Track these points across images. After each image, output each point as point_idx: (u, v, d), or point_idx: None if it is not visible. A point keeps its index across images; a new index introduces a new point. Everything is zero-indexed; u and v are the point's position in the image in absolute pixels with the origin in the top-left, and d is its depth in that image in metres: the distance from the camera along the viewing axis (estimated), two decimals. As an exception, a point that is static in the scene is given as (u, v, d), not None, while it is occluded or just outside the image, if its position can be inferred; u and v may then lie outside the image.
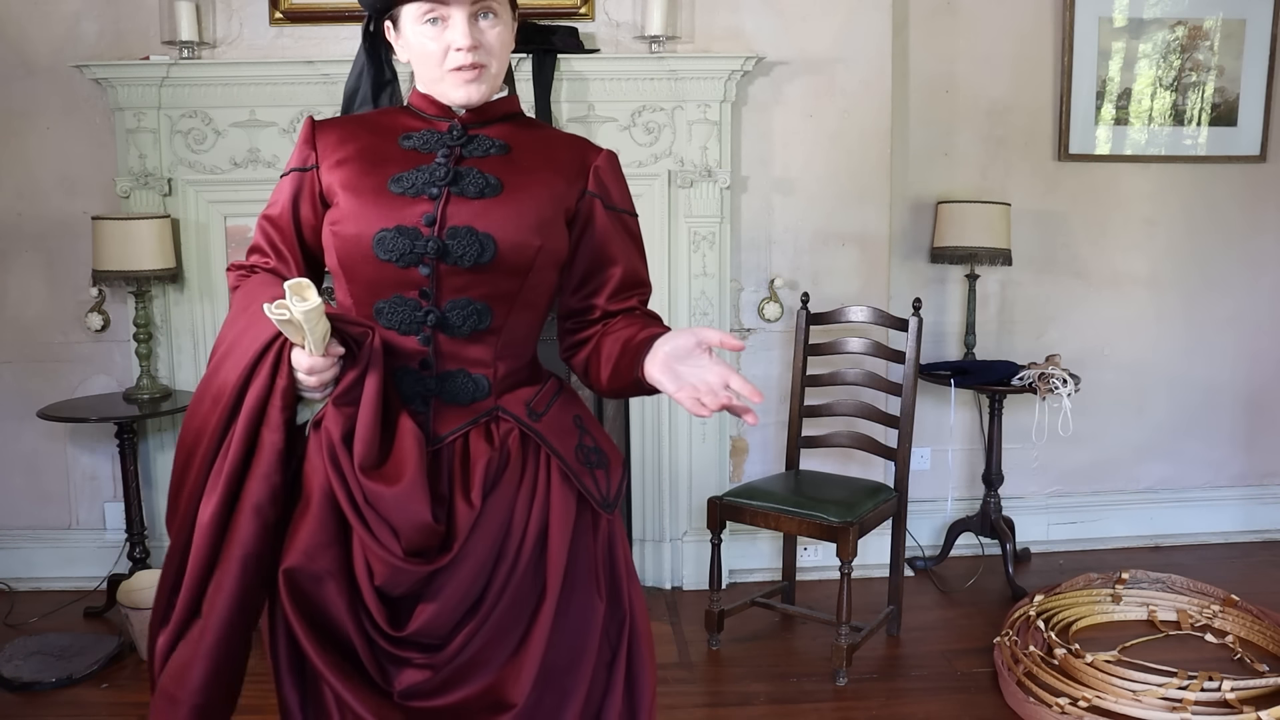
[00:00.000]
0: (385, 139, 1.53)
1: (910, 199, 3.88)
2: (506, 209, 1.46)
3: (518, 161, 1.51)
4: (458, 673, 1.42)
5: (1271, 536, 4.15)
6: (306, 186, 1.53)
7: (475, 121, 1.54)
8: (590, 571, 1.50)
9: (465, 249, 1.42)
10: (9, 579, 3.66)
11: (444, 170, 1.47)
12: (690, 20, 3.54)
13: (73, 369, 3.62)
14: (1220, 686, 2.76)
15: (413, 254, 1.42)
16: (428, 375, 1.46)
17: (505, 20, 1.50)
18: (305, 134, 1.56)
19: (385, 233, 1.43)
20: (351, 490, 1.37)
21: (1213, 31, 3.89)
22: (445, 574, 1.39)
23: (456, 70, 1.47)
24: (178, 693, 1.38)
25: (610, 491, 1.53)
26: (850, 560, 2.96)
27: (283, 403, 1.37)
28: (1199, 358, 4.08)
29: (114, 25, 3.45)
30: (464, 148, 1.51)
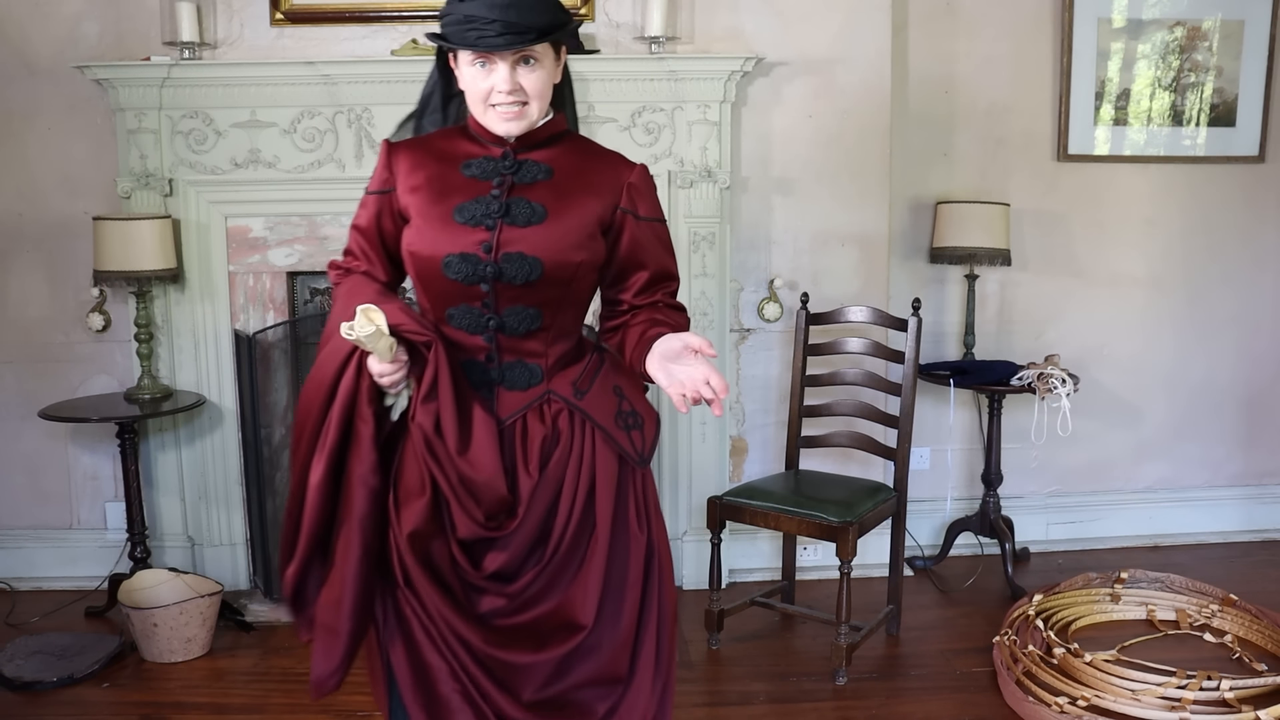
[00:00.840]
0: (449, 167, 1.79)
1: (910, 199, 3.89)
2: (551, 233, 1.73)
3: (560, 185, 1.78)
4: (528, 601, 1.76)
5: (1270, 536, 4.15)
6: (387, 206, 1.82)
7: (525, 145, 1.78)
8: (631, 513, 1.81)
9: (517, 270, 1.71)
10: (10, 578, 3.66)
11: (498, 205, 1.74)
12: (690, 21, 3.55)
13: (74, 369, 3.63)
14: (1219, 686, 2.76)
15: (474, 275, 1.71)
16: (492, 367, 1.77)
17: (546, 64, 1.73)
18: (383, 159, 1.83)
19: (451, 258, 1.71)
20: (447, 472, 1.70)
21: (1211, 32, 3.90)
22: (513, 531, 1.73)
23: (496, 107, 1.72)
24: (336, 625, 1.73)
25: (645, 449, 1.83)
26: (850, 560, 2.97)
27: (368, 398, 1.70)
28: (1198, 358, 4.09)
29: (115, 26, 3.46)
30: (514, 175, 1.77)
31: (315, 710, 2.84)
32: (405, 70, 3.37)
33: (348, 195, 3.45)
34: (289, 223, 3.52)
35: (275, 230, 3.52)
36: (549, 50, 1.73)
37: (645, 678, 1.82)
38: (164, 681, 3.04)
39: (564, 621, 1.77)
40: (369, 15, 3.50)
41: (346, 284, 1.83)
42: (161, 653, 3.11)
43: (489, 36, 1.65)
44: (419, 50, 3.42)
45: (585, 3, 3.51)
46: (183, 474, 3.61)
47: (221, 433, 3.58)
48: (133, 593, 3.19)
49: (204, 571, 3.52)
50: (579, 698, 1.78)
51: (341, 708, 2.82)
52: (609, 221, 1.78)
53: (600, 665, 1.78)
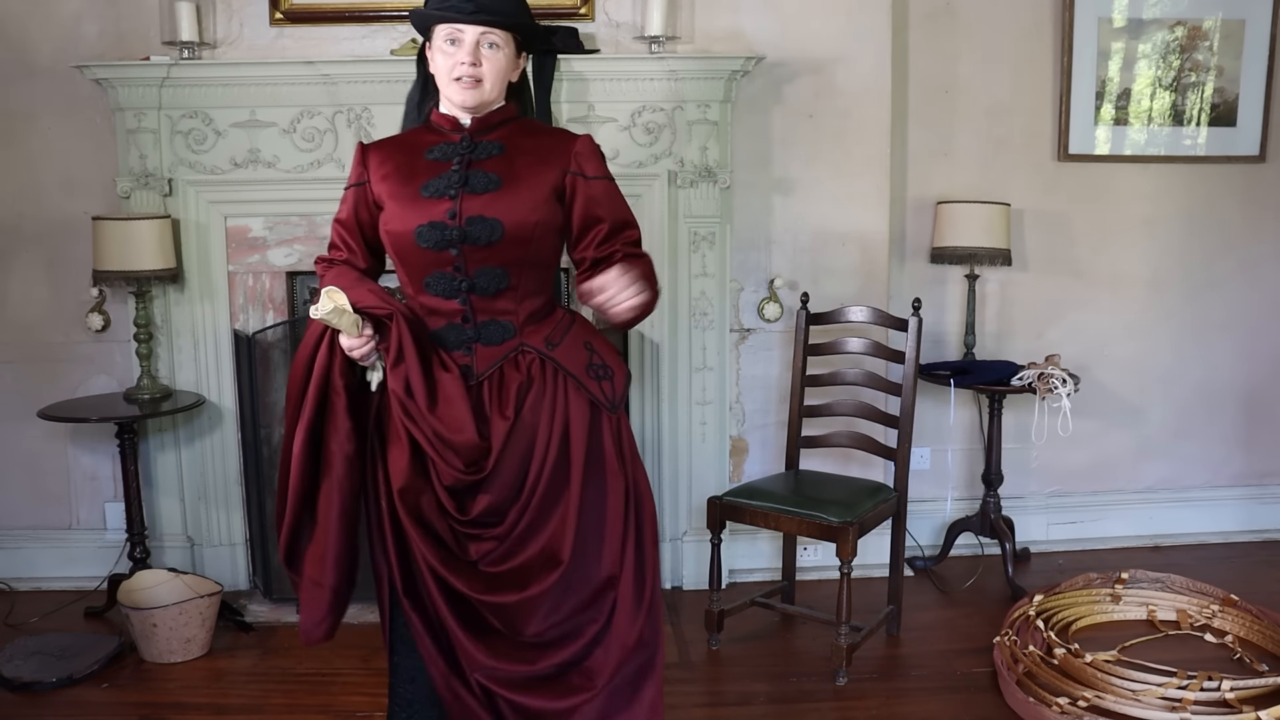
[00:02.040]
0: (414, 155, 2.01)
1: (910, 199, 3.88)
2: (507, 197, 1.93)
3: (513, 157, 1.98)
4: (517, 542, 1.93)
5: (1270, 536, 4.15)
6: (362, 198, 2.04)
7: (480, 129, 2.00)
8: (607, 455, 1.98)
9: (480, 232, 1.91)
10: (9, 579, 3.66)
11: (458, 176, 1.95)
12: (690, 21, 3.54)
13: (73, 369, 3.63)
14: (1220, 686, 2.76)
15: (443, 240, 1.91)
16: (468, 327, 1.95)
17: (506, 54, 1.97)
18: (358, 157, 2.07)
19: (422, 228, 1.91)
20: (422, 428, 1.87)
21: (1212, 32, 3.90)
22: (493, 473, 1.91)
23: (458, 80, 1.94)
24: (320, 579, 1.92)
25: (616, 396, 2.01)
26: (850, 560, 2.96)
27: (340, 371, 1.90)
28: (1198, 358, 4.09)
29: (114, 26, 3.46)
30: (471, 154, 1.97)
31: (315, 710, 2.84)
32: (405, 70, 3.33)
33: (347, 195, 3.49)
34: (288, 222, 3.52)
35: (275, 230, 3.52)
36: (510, 43, 1.98)
37: (626, 605, 1.97)
38: (163, 682, 3.03)
39: (548, 558, 1.93)
40: (368, 15, 3.50)
41: (330, 274, 1.99)
42: (161, 653, 3.10)
43: (464, 11, 1.92)
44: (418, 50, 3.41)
45: (585, 3, 3.51)
46: (182, 474, 3.60)
47: (221, 433, 3.58)
48: (132, 593, 3.19)
49: (203, 572, 3.52)
50: (565, 629, 1.95)
51: (341, 708, 2.82)
52: (561, 186, 1.97)
53: (585, 599, 1.95)
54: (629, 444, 2.05)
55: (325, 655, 3.07)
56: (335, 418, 1.91)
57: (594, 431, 1.97)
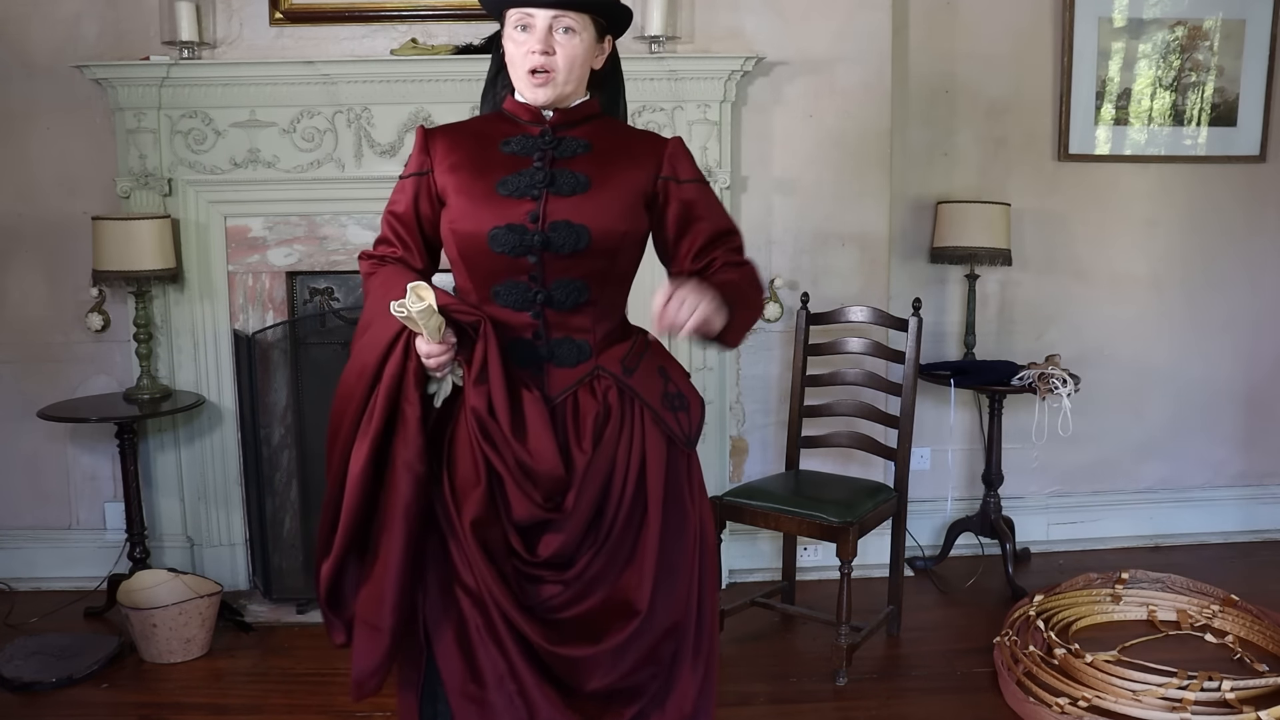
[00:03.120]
0: (487, 146, 1.79)
1: (910, 199, 3.88)
2: (596, 202, 1.74)
3: (601, 158, 1.78)
4: (586, 587, 1.73)
5: (1271, 536, 4.15)
6: (424, 189, 1.81)
7: (563, 124, 1.80)
8: (685, 493, 1.82)
9: (565, 239, 1.71)
10: (9, 579, 3.66)
11: (542, 174, 1.75)
12: (690, 20, 3.54)
13: (73, 369, 3.62)
14: (1220, 686, 2.76)
15: (522, 246, 1.71)
16: (540, 344, 1.76)
17: (584, 39, 1.75)
18: (420, 143, 1.83)
19: (498, 230, 1.71)
20: (503, 455, 1.67)
21: (1212, 32, 3.89)
22: (569, 511, 1.71)
23: (529, 73, 1.74)
24: (378, 621, 1.68)
25: (692, 430, 1.84)
26: (850, 560, 2.96)
27: (415, 380, 1.67)
28: (1199, 357, 4.09)
29: (114, 26, 3.45)
30: (555, 150, 1.78)
31: (315, 710, 2.84)
32: (405, 70, 3.37)
33: (347, 195, 3.49)
34: (288, 222, 3.52)
35: (274, 230, 3.52)
36: (589, 26, 1.75)
37: (685, 656, 1.80)
38: (163, 682, 3.03)
39: (620, 606, 1.74)
40: (368, 15, 3.49)
41: (382, 273, 1.80)
42: (161, 653, 3.10)
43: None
44: (418, 50, 3.41)
45: (585, 2, 3.51)
46: (182, 474, 3.60)
47: (220, 433, 3.58)
48: (132, 593, 3.18)
49: (203, 572, 3.51)
50: (629, 683, 1.75)
51: (341, 708, 2.82)
52: (652, 192, 1.79)
53: (650, 647, 1.75)
54: (699, 481, 1.89)
55: (325, 656, 3.07)
56: (407, 432, 1.67)
57: (671, 469, 1.80)
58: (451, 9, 3.48)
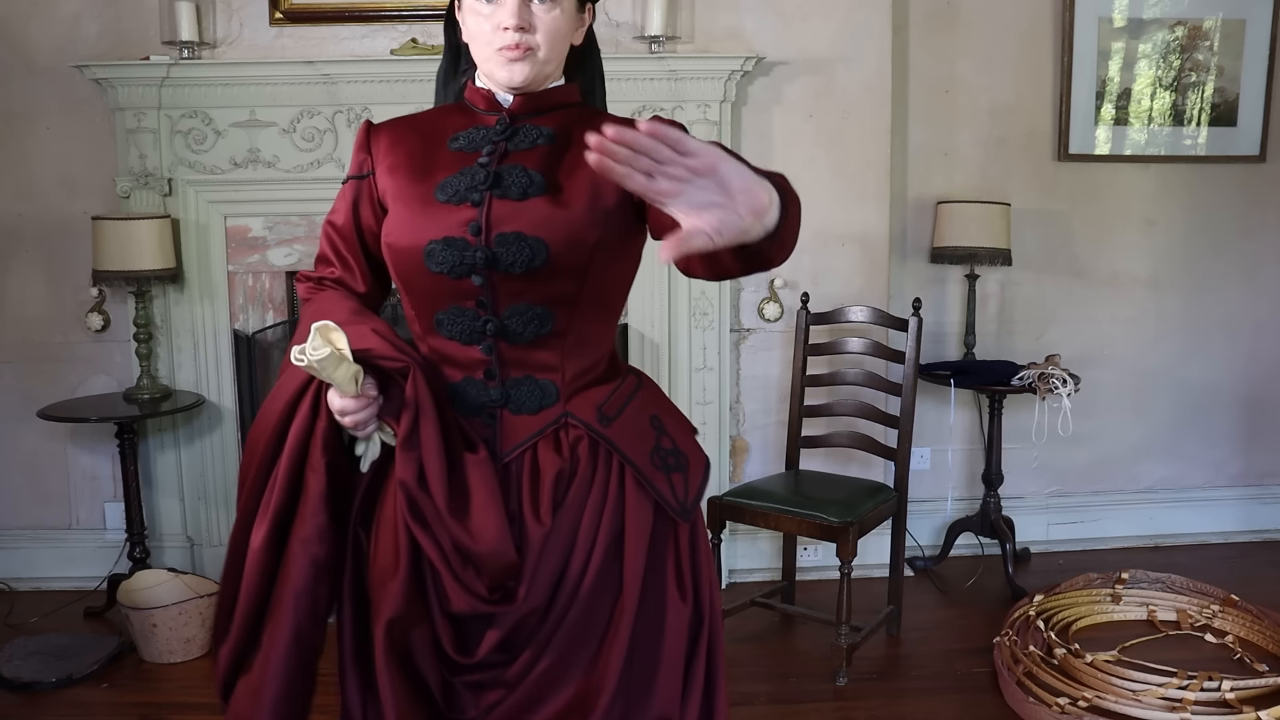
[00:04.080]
0: (434, 142, 1.48)
1: (910, 199, 3.88)
2: (554, 206, 1.38)
3: (564, 149, 1.42)
4: (535, 689, 1.39)
5: (1271, 536, 4.15)
6: (365, 193, 1.51)
7: (526, 112, 1.47)
8: (670, 576, 1.44)
9: (515, 256, 1.36)
10: (9, 579, 3.66)
11: (485, 173, 1.41)
12: (690, 20, 3.54)
13: (73, 369, 3.62)
14: (1220, 686, 2.76)
15: (462, 265, 1.37)
16: (493, 385, 1.42)
17: (566, 8, 1.43)
18: (360, 139, 1.55)
19: (434, 245, 1.38)
20: (438, 537, 1.34)
21: (1212, 31, 3.89)
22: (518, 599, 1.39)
23: (501, 50, 1.41)
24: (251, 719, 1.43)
25: (688, 496, 1.46)
26: (850, 560, 2.96)
27: (323, 444, 1.37)
28: (1198, 357, 4.09)
29: (114, 25, 3.45)
30: (509, 142, 1.44)
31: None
32: (405, 70, 3.37)
33: (347, 195, 3.49)
34: (288, 222, 3.52)
35: (274, 230, 3.52)
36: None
37: None
38: (163, 682, 3.03)
39: (576, 709, 1.39)
40: (368, 15, 3.49)
41: (316, 300, 1.49)
42: (160, 653, 3.10)
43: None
44: (418, 50, 3.41)
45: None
46: (182, 474, 3.60)
47: (220, 433, 3.58)
48: (132, 593, 3.18)
49: (203, 572, 3.51)
50: None
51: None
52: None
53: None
54: (704, 556, 1.50)
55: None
56: (306, 507, 1.37)
57: (656, 544, 1.43)
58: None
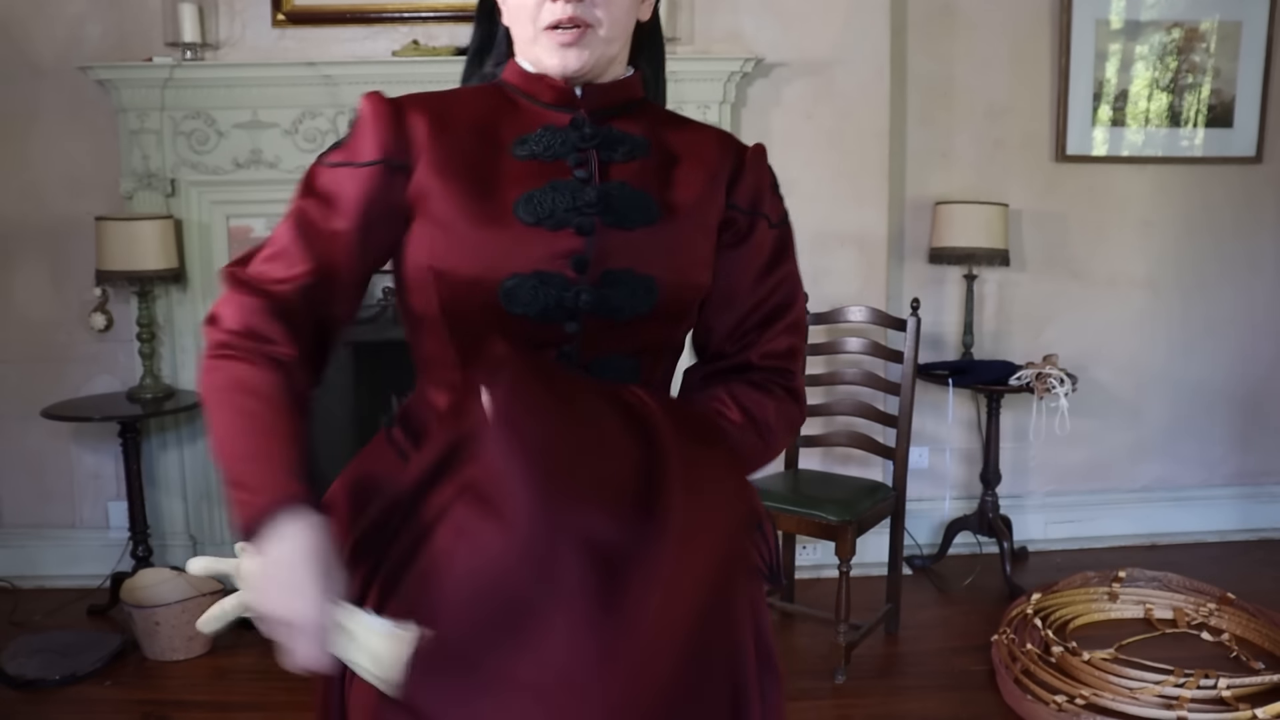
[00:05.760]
0: (488, 140, 1.16)
1: (908, 200, 3.90)
2: (668, 239, 1.14)
3: (669, 167, 1.19)
4: None
5: (1267, 535, 4.17)
6: (388, 191, 1.12)
7: (602, 109, 1.19)
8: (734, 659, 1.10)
9: (625, 299, 1.11)
10: (13, 577, 3.68)
11: (592, 191, 1.12)
12: (689, 22, 3.56)
13: (76, 368, 3.64)
14: (1216, 684, 2.78)
15: (559, 308, 1.10)
16: None
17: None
18: (382, 114, 1.15)
19: (519, 280, 1.08)
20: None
21: (1209, 34, 3.91)
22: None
23: (551, 28, 1.12)
24: None
25: (773, 557, 1.21)
26: (849, 559, 2.98)
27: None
28: (1195, 358, 4.10)
29: (117, 27, 3.47)
30: (602, 150, 1.16)
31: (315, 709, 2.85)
32: (407, 71, 3.38)
33: (349, 196, 3.50)
34: (290, 223, 3.53)
35: (277, 230, 3.53)
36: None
37: None
38: (166, 679, 3.05)
39: None
40: (370, 16, 3.51)
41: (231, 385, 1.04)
42: (164, 651, 3.12)
43: None
44: (420, 51, 3.43)
45: (585, 4, 3.52)
46: (185, 473, 3.62)
47: (223, 432, 3.59)
48: (135, 591, 3.20)
49: (206, 570, 3.52)
50: None
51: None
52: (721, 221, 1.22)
53: None
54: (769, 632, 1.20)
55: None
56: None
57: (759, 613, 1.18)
58: (453, 10, 3.50)
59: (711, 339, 1.24)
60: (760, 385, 1.22)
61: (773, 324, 1.24)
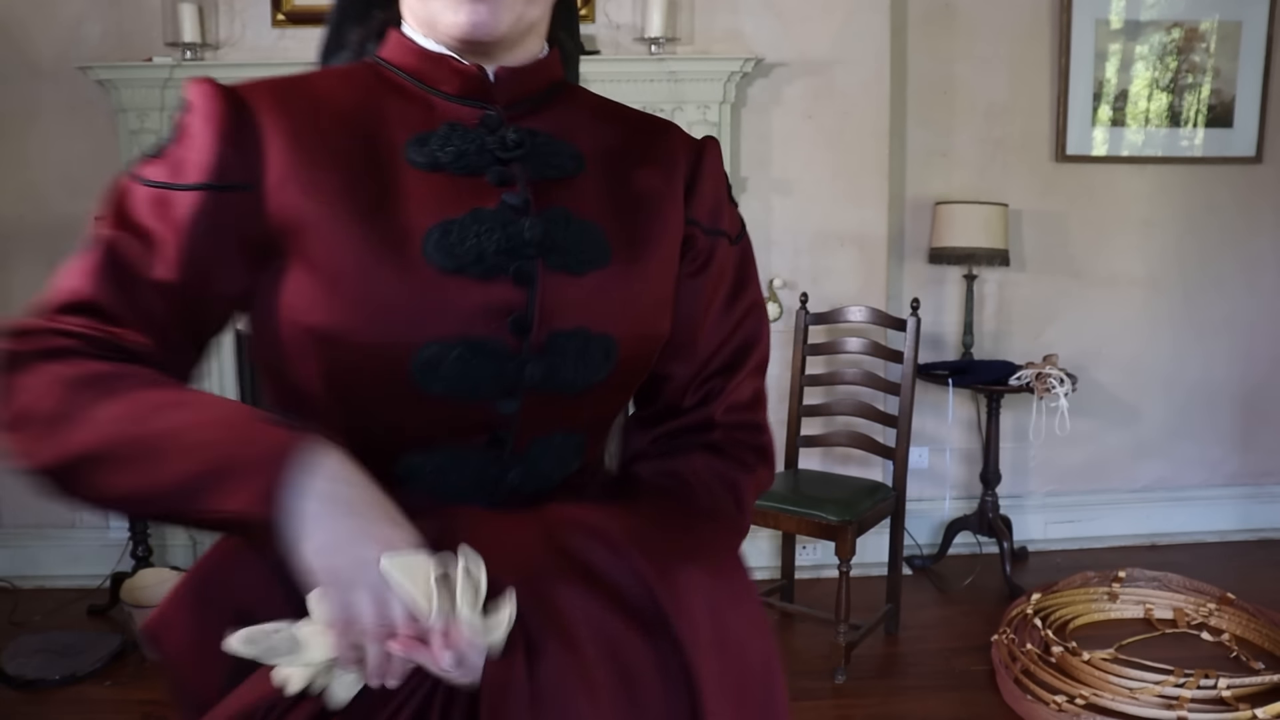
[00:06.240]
0: (375, 141, 0.85)
1: (908, 200, 3.90)
2: (626, 283, 0.88)
3: (615, 181, 0.92)
4: None
5: (1267, 535, 4.17)
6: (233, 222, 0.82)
7: (520, 101, 0.91)
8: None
9: (579, 369, 0.85)
10: (13, 577, 3.68)
11: (533, 225, 0.84)
12: (690, 22, 3.56)
13: (76, 369, 3.63)
14: (1216, 684, 2.78)
15: (495, 384, 0.83)
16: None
17: None
18: (217, 112, 0.82)
19: (442, 349, 0.80)
20: None
21: (1209, 33, 3.91)
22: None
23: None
24: None
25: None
26: (849, 559, 2.98)
27: None
28: (1195, 358, 4.11)
29: (117, 27, 3.47)
30: (530, 162, 0.88)
31: None
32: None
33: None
34: (290, 223, 3.53)
35: (277, 230, 3.53)
36: None
37: None
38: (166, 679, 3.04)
39: None
40: (370, 16, 3.51)
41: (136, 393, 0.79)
42: (164, 651, 3.12)
43: None
44: None
45: (585, 4, 3.53)
46: (184, 473, 3.61)
47: (223, 432, 3.59)
48: (135, 591, 3.20)
49: (206, 570, 3.53)
50: None
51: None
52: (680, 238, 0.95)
53: None
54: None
55: None
56: None
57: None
58: (453, 11, 3.50)
59: (665, 389, 0.96)
60: (729, 454, 0.96)
61: (738, 370, 0.98)
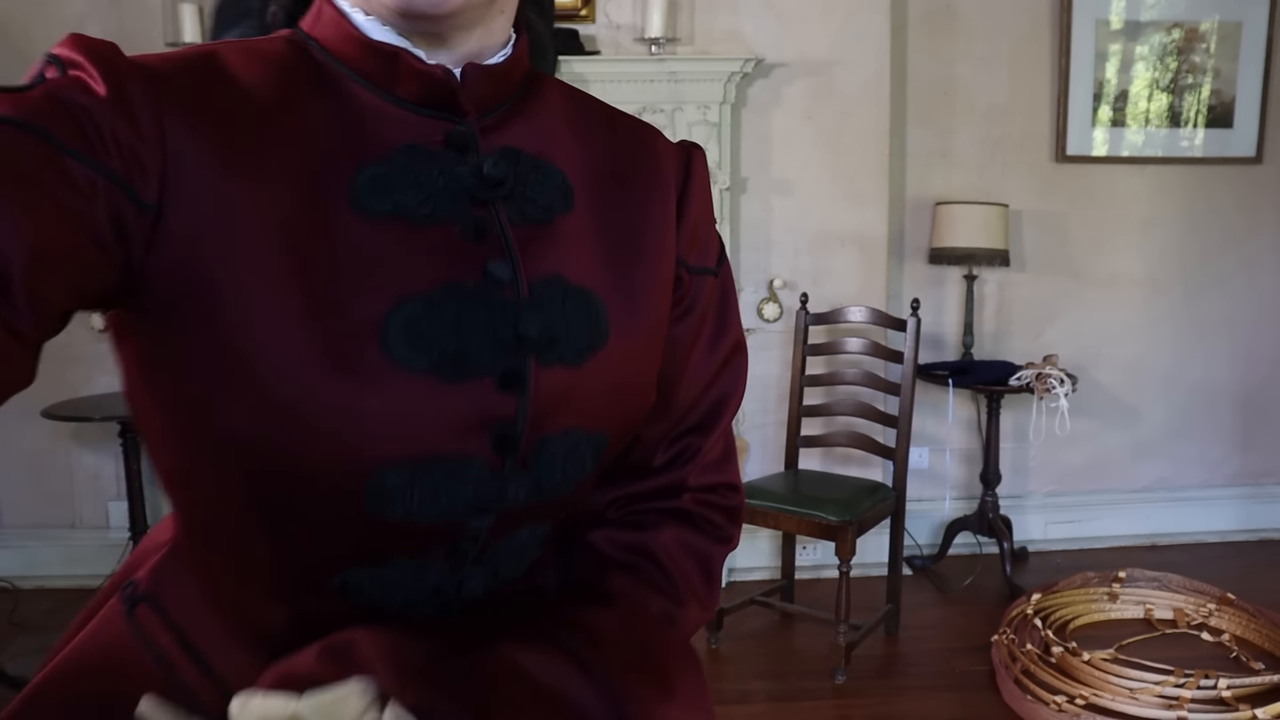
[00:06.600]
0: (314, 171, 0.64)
1: (909, 200, 3.90)
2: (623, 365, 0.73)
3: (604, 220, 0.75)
4: None
5: (1267, 535, 4.17)
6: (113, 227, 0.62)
7: (492, 107, 0.71)
8: None
9: (564, 475, 0.72)
10: (13, 577, 3.68)
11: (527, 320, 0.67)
12: (690, 22, 3.56)
13: (76, 368, 3.64)
14: (1216, 684, 2.78)
15: (470, 506, 0.68)
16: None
17: None
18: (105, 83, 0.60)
19: (406, 474, 0.65)
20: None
21: (1209, 34, 3.91)
22: None
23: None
24: None
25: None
26: (849, 559, 2.98)
27: None
28: (1195, 358, 4.11)
29: (117, 27, 3.47)
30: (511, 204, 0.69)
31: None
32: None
33: (349, 196, 3.50)
34: (290, 223, 3.53)
35: (277, 231, 3.53)
36: None
37: None
38: (166, 680, 3.05)
39: None
40: (370, 16, 3.51)
41: None
42: (164, 651, 3.11)
43: None
44: None
45: (586, 4, 3.53)
46: (184, 473, 3.62)
47: (223, 432, 3.59)
48: (135, 591, 3.20)
49: (206, 570, 3.53)
50: None
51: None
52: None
53: None
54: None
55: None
56: None
57: None
58: (453, 11, 3.50)
59: (633, 448, 0.81)
60: (701, 522, 0.84)
61: (713, 428, 0.83)
